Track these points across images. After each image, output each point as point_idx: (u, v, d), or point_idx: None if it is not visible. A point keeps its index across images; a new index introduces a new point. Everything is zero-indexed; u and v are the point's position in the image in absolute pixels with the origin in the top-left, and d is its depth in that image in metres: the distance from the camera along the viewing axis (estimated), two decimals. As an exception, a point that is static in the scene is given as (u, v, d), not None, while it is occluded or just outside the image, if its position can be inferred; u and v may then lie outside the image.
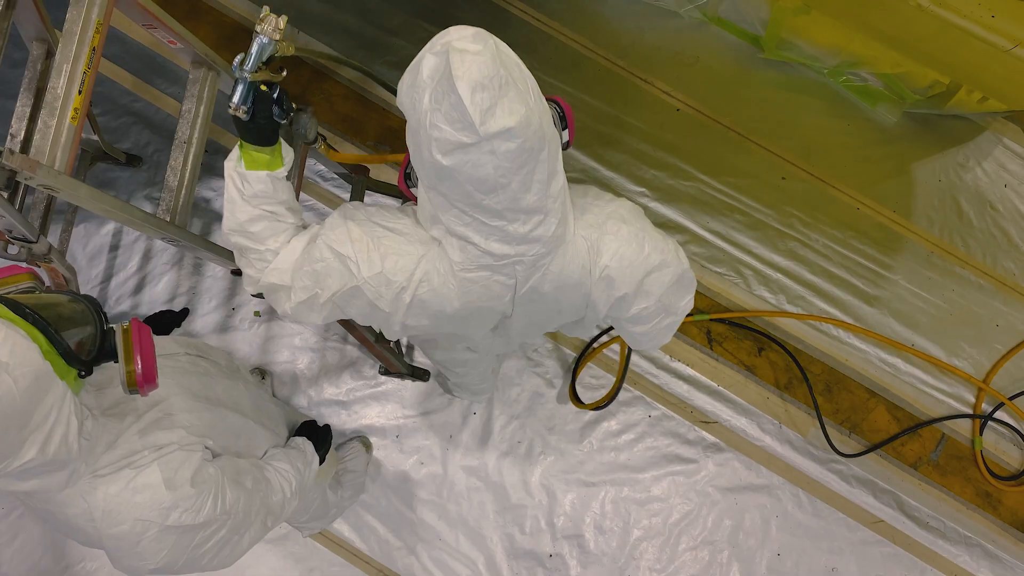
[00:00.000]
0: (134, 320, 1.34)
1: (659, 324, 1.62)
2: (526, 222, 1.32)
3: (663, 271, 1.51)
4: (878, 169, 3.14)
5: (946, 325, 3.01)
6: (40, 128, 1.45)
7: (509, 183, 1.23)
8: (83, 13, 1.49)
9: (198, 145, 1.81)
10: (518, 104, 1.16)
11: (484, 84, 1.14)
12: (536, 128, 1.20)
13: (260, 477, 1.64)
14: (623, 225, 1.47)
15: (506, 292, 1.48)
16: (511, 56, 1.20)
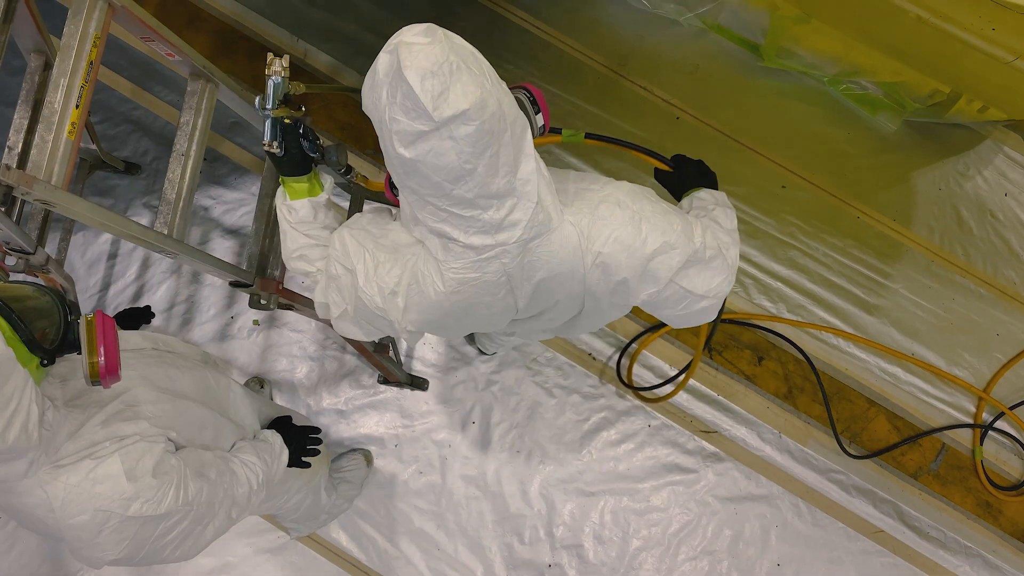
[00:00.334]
0: (98, 312, 1.34)
1: (691, 307, 1.58)
2: (499, 207, 1.33)
3: (669, 253, 1.47)
4: (878, 178, 3.13)
5: (946, 334, 3.01)
6: (37, 143, 1.44)
7: (475, 168, 1.24)
8: (80, 27, 1.49)
9: (196, 157, 1.80)
10: (472, 86, 1.18)
11: (433, 71, 1.16)
12: (494, 110, 1.21)
13: (225, 469, 1.63)
14: (617, 209, 1.45)
15: (499, 287, 1.48)
16: (464, 45, 1.22)
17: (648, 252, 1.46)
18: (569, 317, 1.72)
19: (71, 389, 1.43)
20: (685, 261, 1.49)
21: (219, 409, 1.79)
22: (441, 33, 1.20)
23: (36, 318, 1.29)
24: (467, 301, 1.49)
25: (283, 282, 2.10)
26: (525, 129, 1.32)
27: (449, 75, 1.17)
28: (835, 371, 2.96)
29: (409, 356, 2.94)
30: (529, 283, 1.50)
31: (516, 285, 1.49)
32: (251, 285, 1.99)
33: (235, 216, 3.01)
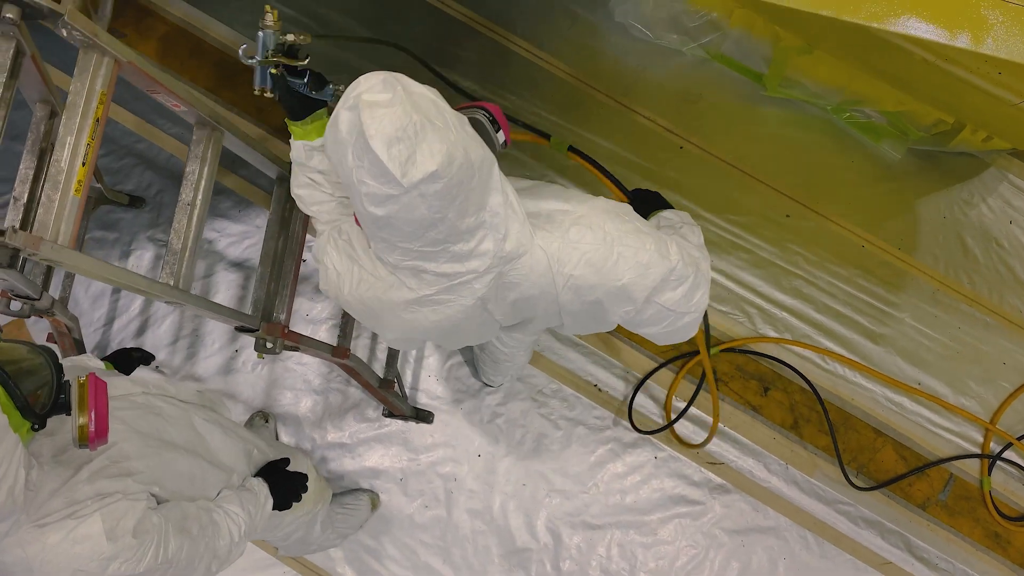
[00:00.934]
0: (91, 375, 1.34)
1: (674, 324, 1.63)
2: (469, 240, 1.37)
3: (643, 274, 1.51)
4: (883, 206, 3.13)
5: (953, 363, 3.00)
6: (44, 202, 1.44)
7: (445, 215, 1.28)
8: (87, 85, 1.49)
9: (202, 207, 1.80)
10: (438, 144, 1.20)
11: (398, 136, 1.17)
12: (461, 161, 1.23)
13: (208, 521, 1.63)
14: (588, 232, 1.49)
15: (475, 310, 1.52)
16: (422, 94, 1.24)
17: (620, 274, 1.50)
18: (552, 326, 1.76)
19: (57, 443, 1.42)
20: (661, 280, 1.53)
21: (206, 456, 1.78)
22: (400, 88, 1.21)
23: (30, 381, 1.29)
24: (448, 322, 1.53)
25: (288, 325, 2.10)
26: (492, 165, 1.34)
27: (414, 137, 1.18)
28: (841, 401, 2.95)
29: (414, 389, 2.93)
30: (505, 302, 1.55)
31: (493, 306, 1.55)
32: (257, 330, 1.98)
33: (239, 249, 3.01)
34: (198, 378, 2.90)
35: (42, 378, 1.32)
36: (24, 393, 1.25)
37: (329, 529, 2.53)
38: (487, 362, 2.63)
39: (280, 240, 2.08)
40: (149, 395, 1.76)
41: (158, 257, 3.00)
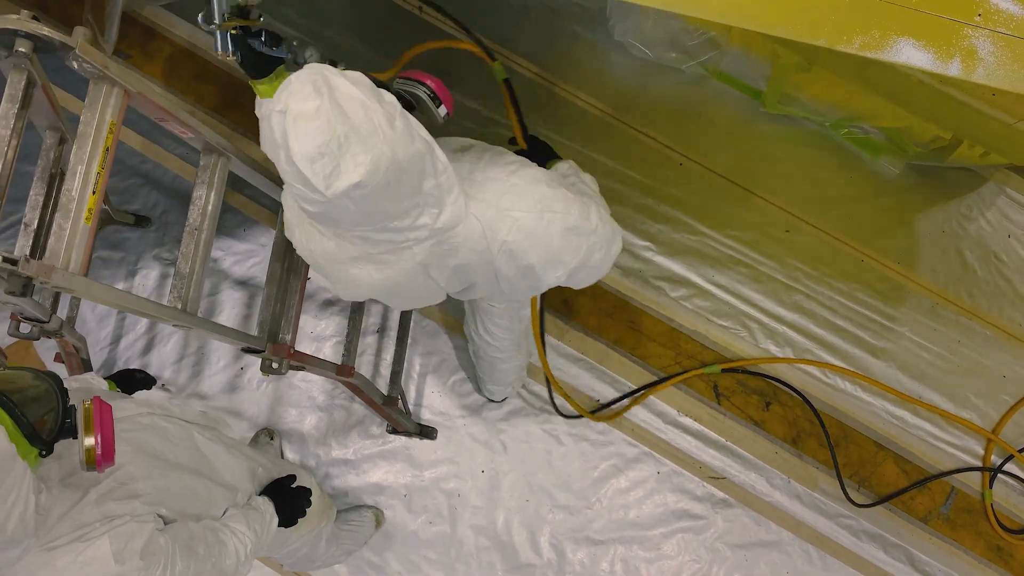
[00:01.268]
0: (95, 398, 1.36)
1: (598, 274, 1.77)
2: (404, 219, 1.42)
3: (572, 240, 1.62)
4: (882, 220, 3.15)
5: (953, 377, 3.01)
6: (55, 231, 1.47)
7: (376, 209, 1.35)
8: (97, 115, 1.52)
9: (209, 231, 1.83)
10: (362, 155, 1.22)
11: (321, 152, 1.20)
12: (387, 166, 1.25)
13: (214, 541, 1.65)
14: (519, 200, 1.57)
15: (417, 274, 1.61)
16: (352, 98, 1.23)
17: (550, 237, 1.59)
18: (493, 292, 1.84)
19: (65, 467, 1.44)
20: (588, 246, 1.65)
21: (211, 476, 1.80)
22: (327, 92, 1.21)
23: (36, 408, 1.30)
24: (390, 283, 1.62)
25: (294, 345, 2.12)
26: (423, 157, 1.35)
27: (338, 151, 1.21)
28: (842, 415, 2.97)
29: (418, 405, 2.96)
30: (446, 268, 1.63)
31: (435, 272, 1.63)
32: (263, 351, 2.01)
33: (244, 267, 3.04)
34: (203, 396, 2.92)
35: (48, 404, 1.34)
36: (31, 420, 1.27)
37: (334, 546, 2.55)
38: (485, 369, 2.67)
39: (285, 261, 2.11)
40: (154, 415, 1.78)
41: (164, 276, 3.03)
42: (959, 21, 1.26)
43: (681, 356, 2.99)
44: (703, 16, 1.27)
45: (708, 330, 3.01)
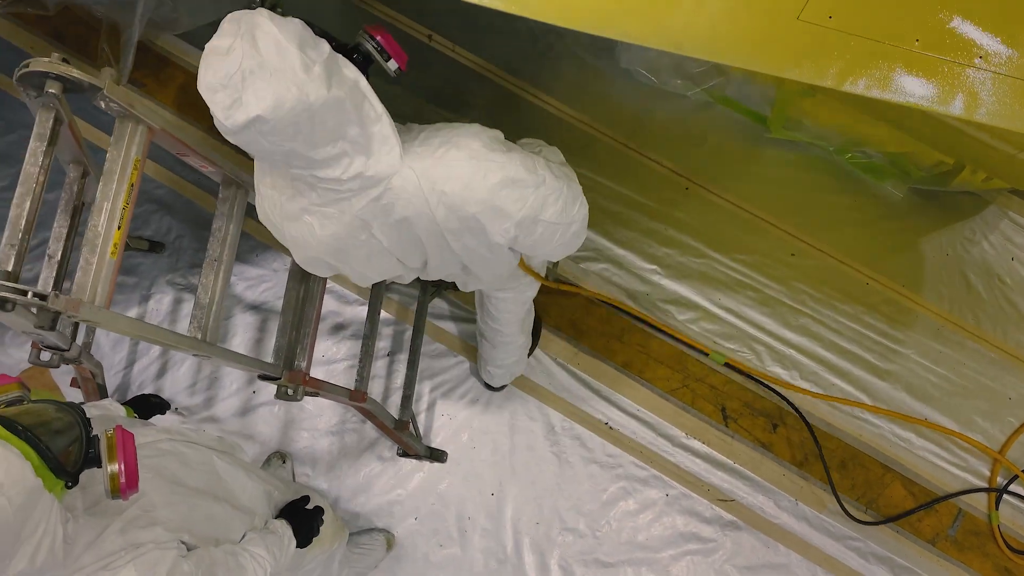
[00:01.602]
0: (118, 427, 1.39)
1: (564, 235, 1.75)
2: (334, 167, 1.46)
3: (514, 188, 1.60)
4: (886, 244, 3.19)
5: (959, 399, 3.04)
6: (82, 265, 1.50)
7: (293, 148, 1.38)
8: (123, 153, 1.56)
9: (228, 262, 1.87)
10: (265, 91, 1.27)
11: (223, 84, 1.27)
12: (292, 105, 1.29)
13: (235, 565, 1.67)
14: (456, 150, 1.57)
15: (359, 231, 1.63)
16: (270, 38, 1.29)
17: (490, 185, 1.57)
18: (452, 260, 1.83)
19: (90, 496, 1.47)
20: (536, 199, 1.62)
21: (230, 500, 1.83)
22: (244, 30, 1.28)
23: (61, 440, 1.33)
24: (335, 240, 1.65)
25: (309, 371, 2.16)
26: (340, 103, 1.39)
27: (241, 84, 1.27)
28: (849, 437, 2.99)
29: (428, 427, 2.98)
30: (387, 226, 1.63)
31: (378, 232, 1.64)
32: (279, 378, 2.04)
33: (256, 292, 3.08)
34: (216, 419, 2.95)
35: (72, 435, 1.37)
36: (56, 453, 1.30)
37: (346, 568, 2.57)
38: (487, 349, 2.70)
39: (301, 289, 2.15)
40: (174, 441, 1.82)
41: (177, 301, 3.07)
42: (961, 63, 1.30)
43: (689, 379, 3.02)
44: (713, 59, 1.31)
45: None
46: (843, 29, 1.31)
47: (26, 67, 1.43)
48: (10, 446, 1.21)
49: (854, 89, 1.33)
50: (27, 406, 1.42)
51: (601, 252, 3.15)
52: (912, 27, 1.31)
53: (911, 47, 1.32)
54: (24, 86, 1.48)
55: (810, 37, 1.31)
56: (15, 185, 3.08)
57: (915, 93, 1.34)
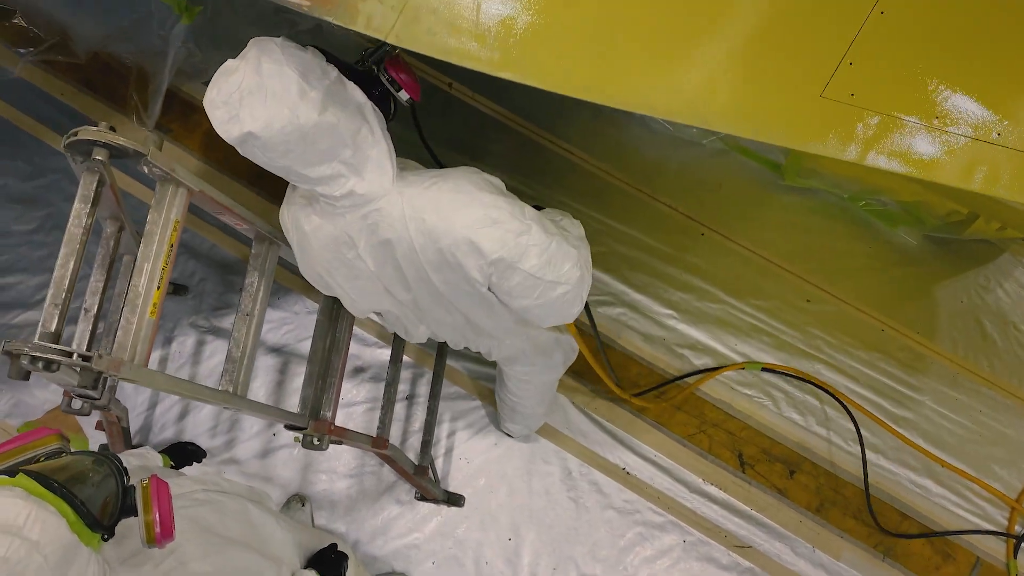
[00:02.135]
0: (153, 476, 1.42)
1: (547, 295, 1.72)
2: (329, 185, 1.60)
3: (493, 228, 1.61)
4: (901, 290, 3.21)
5: (975, 446, 3.05)
6: (123, 325, 1.55)
7: (287, 165, 1.54)
8: (163, 215, 1.61)
9: (259, 315, 1.91)
10: (260, 111, 1.43)
11: (224, 101, 1.44)
12: (283, 126, 1.44)
13: None
14: (445, 183, 1.65)
15: (345, 246, 1.73)
16: (275, 62, 1.44)
17: (469, 221, 1.61)
18: (443, 305, 1.87)
19: (126, 548, 1.49)
20: (517, 244, 1.62)
21: (261, 549, 1.86)
22: (253, 55, 1.45)
23: (98, 493, 1.36)
24: (328, 251, 1.76)
25: (334, 420, 2.19)
26: (332, 128, 1.51)
27: (239, 103, 1.43)
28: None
29: (446, 471, 3.01)
30: (372, 243, 1.71)
31: (363, 247, 1.72)
32: (305, 428, 2.08)
33: (278, 334, 3.12)
34: (237, 461, 2.97)
35: (109, 488, 1.40)
36: (93, 507, 1.33)
37: None
38: (506, 411, 2.74)
39: (328, 338, 2.19)
40: (208, 491, 1.85)
41: (199, 343, 3.11)
42: (980, 139, 1.35)
43: (706, 424, 3.04)
44: (738, 134, 1.35)
45: (732, 398, 3.07)
46: (865, 106, 1.35)
47: (75, 135, 1.49)
48: (45, 503, 1.23)
49: (876, 164, 1.37)
50: (64, 460, 1.45)
51: (617, 296, 3.19)
52: (932, 105, 1.35)
53: (931, 123, 1.36)
54: (72, 152, 1.53)
55: (833, 114, 1.35)
56: (44, 228, 3.17)
57: (936, 169, 1.38)
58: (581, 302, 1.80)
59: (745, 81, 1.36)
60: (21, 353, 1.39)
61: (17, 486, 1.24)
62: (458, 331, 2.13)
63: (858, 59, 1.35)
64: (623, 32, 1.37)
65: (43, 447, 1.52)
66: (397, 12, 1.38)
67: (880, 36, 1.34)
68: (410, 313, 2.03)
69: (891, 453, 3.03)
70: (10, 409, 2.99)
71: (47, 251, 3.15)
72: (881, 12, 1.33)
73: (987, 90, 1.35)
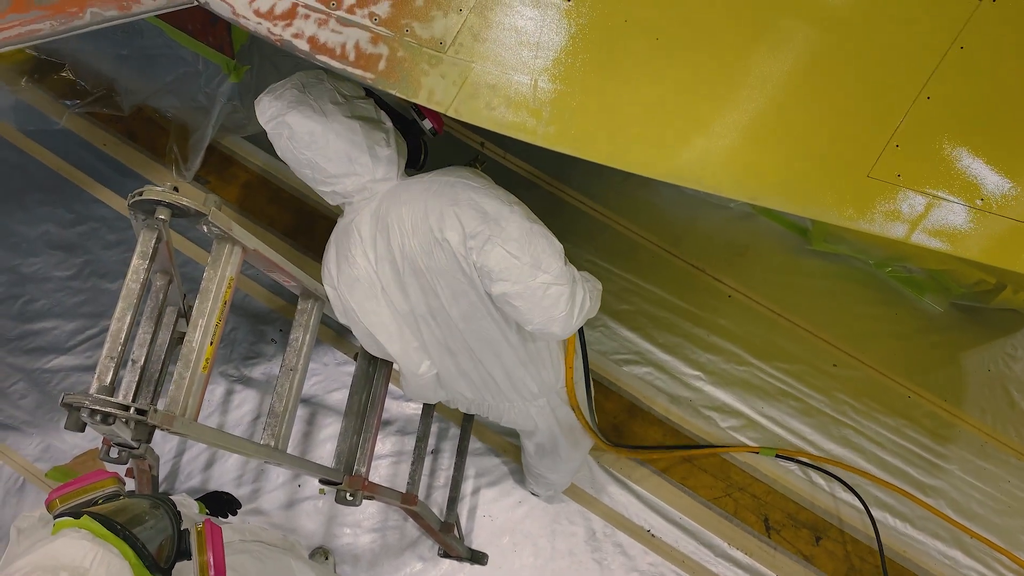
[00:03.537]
0: (207, 521, 1.45)
1: (527, 283, 1.72)
2: (343, 182, 1.85)
3: (476, 204, 1.74)
4: (927, 358, 3.22)
5: (1004, 518, 3.01)
6: (175, 380, 1.58)
7: (308, 156, 1.81)
8: (219, 272, 1.66)
9: (302, 371, 1.94)
10: (296, 107, 1.76)
11: (273, 97, 1.80)
12: (312, 125, 1.76)
13: None
14: (440, 173, 1.86)
15: (354, 239, 1.87)
16: (316, 83, 1.80)
17: (456, 198, 1.74)
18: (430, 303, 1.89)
19: None
20: (498, 220, 1.72)
21: None
22: (299, 86, 1.80)
23: (156, 537, 1.40)
24: (336, 247, 1.93)
25: (368, 476, 2.20)
26: (354, 131, 1.80)
27: (286, 103, 1.78)
28: (893, 553, 2.96)
29: (469, 528, 2.99)
30: (374, 230, 1.85)
31: (366, 236, 1.86)
32: (340, 483, 2.09)
33: (307, 385, 3.14)
34: (262, 512, 2.98)
35: (165, 531, 1.44)
36: (152, 550, 1.36)
37: None
38: (534, 475, 2.76)
39: (364, 394, 2.21)
40: (246, 542, 1.87)
41: (229, 392, 3.14)
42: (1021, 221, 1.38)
43: (731, 487, 3.03)
44: (788, 211, 1.39)
45: (758, 462, 3.06)
46: (911, 187, 1.39)
47: (140, 195, 1.54)
48: (110, 546, 1.26)
49: (919, 242, 1.40)
50: (123, 502, 1.48)
51: (644, 356, 3.21)
52: (976, 187, 1.39)
53: (975, 204, 1.40)
54: (135, 211, 1.59)
55: (880, 193, 1.39)
56: (82, 275, 3.22)
57: (977, 248, 1.41)
58: (569, 304, 1.76)
59: (794, 159, 1.40)
60: (82, 406, 1.42)
61: (83, 528, 1.27)
62: (461, 370, 2.10)
63: (904, 142, 1.39)
64: (679, 112, 1.42)
65: (101, 490, 1.56)
66: (457, 87, 1.44)
67: (926, 120, 1.39)
68: (412, 338, 2.01)
69: (919, 522, 3.00)
70: (40, 453, 3.01)
71: (83, 297, 3.21)
72: (927, 97, 1.38)
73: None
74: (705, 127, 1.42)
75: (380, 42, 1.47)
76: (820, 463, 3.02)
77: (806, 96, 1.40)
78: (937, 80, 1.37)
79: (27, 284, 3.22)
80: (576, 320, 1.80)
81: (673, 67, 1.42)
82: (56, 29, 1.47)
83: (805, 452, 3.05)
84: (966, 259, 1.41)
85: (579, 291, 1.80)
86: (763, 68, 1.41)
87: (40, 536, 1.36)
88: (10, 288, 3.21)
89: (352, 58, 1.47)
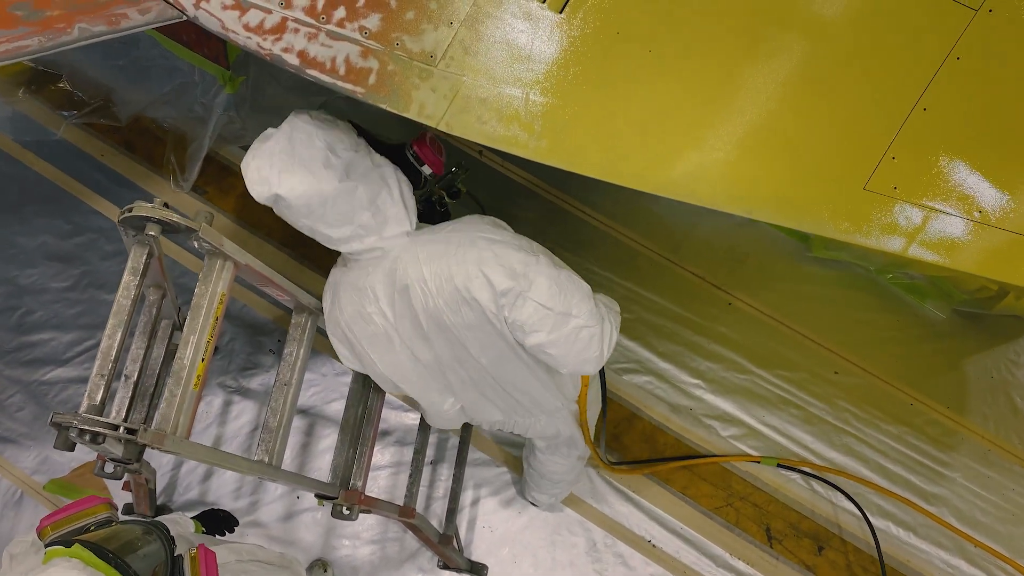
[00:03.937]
0: (200, 546, 1.44)
1: (560, 329, 1.73)
2: (351, 244, 1.77)
3: (502, 259, 1.70)
4: (929, 365, 3.19)
5: (1008, 525, 2.99)
6: (166, 397, 1.57)
7: (310, 224, 1.73)
8: (210, 288, 1.65)
9: (297, 385, 1.93)
10: (287, 176, 1.60)
11: (257, 166, 1.63)
12: (304, 190, 1.62)
13: None
14: (456, 229, 1.80)
15: (366, 298, 1.83)
16: (306, 132, 1.63)
17: (479, 256, 1.69)
18: (455, 352, 1.88)
19: None
20: (526, 272, 1.70)
21: None
22: (288, 128, 1.64)
23: (148, 562, 1.39)
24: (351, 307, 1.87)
25: (364, 490, 2.19)
26: (352, 192, 1.68)
27: (269, 168, 1.61)
28: (897, 563, 2.93)
29: (469, 539, 2.97)
30: (392, 291, 1.80)
31: (383, 298, 1.81)
32: (336, 498, 2.07)
33: (305, 396, 3.13)
34: (260, 524, 2.96)
35: (158, 557, 1.43)
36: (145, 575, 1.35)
37: None
38: (535, 478, 2.74)
39: (360, 408, 2.20)
40: (243, 562, 1.85)
41: (227, 403, 3.12)
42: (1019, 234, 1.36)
43: (733, 497, 3.01)
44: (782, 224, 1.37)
45: (759, 471, 3.03)
46: (908, 199, 1.37)
47: (129, 211, 1.53)
48: (100, 574, 1.25)
49: (916, 255, 1.39)
50: (115, 528, 1.47)
51: (644, 365, 3.19)
52: (972, 200, 1.38)
53: (971, 217, 1.38)
54: (125, 227, 1.57)
55: (876, 206, 1.38)
56: (79, 286, 3.21)
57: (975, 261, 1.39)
58: (600, 344, 1.79)
59: (790, 173, 1.39)
60: (70, 426, 1.41)
61: (74, 557, 1.26)
62: (488, 399, 2.12)
63: (901, 154, 1.37)
64: (672, 125, 1.40)
65: (93, 516, 1.55)
66: (448, 101, 1.43)
67: (922, 132, 1.37)
68: (433, 382, 2.03)
69: (922, 531, 2.97)
70: (37, 466, 3.00)
71: (81, 308, 3.20)
72: (924, 109, 1.36)
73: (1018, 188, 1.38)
74: (698, 140, 1.41)
75: (370, 56, 1.45)
76: (822, 472, 2.99)
77: (800, 108, 1.38)
78: (933, 91, 1.36)
79: (24, 296, 3.21)
80: (606, 356, 1.83)
81: (666, 80, 1.40)
82: (44, 45, 1.45)
83: (807, 462, 3.02)
84: (964, 272, 1.39)
85: (607, 327, 1.81)
86: (757, 80, 1.39)
87: (32, 564, 1.35)
88: (7, 300, 3.20)
89: (342, 72, 1.46)
